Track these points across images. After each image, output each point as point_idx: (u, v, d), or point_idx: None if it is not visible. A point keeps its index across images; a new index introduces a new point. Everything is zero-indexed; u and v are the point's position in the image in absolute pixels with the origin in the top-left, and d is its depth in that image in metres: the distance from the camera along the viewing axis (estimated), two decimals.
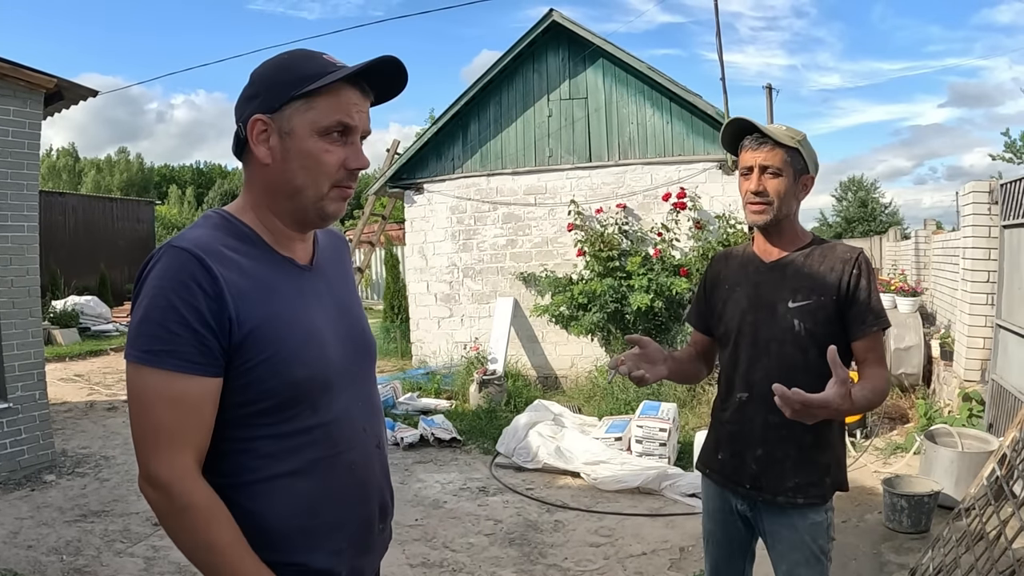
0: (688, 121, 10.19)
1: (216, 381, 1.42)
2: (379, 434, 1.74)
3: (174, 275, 1.39)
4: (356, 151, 1.55)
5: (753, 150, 2.36)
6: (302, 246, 1.64)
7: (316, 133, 1.50)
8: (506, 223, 10.86)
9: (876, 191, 42.98)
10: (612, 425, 7.16)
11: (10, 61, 6.34)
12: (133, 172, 54.46)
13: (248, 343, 1.43)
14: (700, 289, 2.73)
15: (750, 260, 2.53)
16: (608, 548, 4.99)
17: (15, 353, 6.55)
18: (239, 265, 1.47)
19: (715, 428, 2.63)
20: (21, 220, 6.60)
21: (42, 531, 5.33)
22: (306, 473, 1.52)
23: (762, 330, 2.41)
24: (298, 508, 1.52)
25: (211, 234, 1.50)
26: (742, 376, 2.46)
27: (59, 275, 21.19)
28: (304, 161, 1.51)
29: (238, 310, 1.42)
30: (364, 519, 1.65)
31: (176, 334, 1.37)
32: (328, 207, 1.55)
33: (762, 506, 2.44)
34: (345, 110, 1.51)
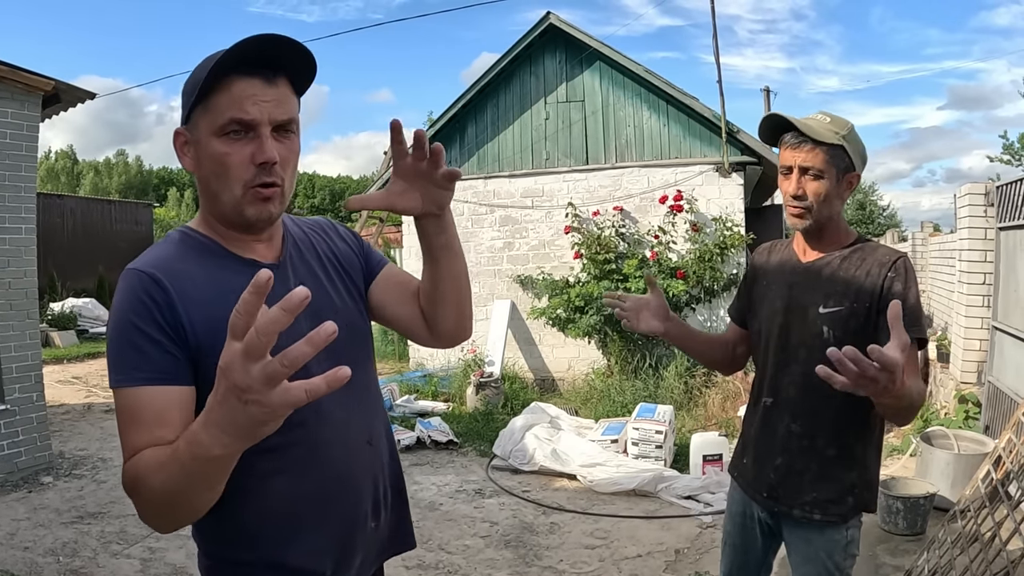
0: (685, 124, 10.21)
1: (184, 390, 1.38)
2: (370, 429, 1.67)
3: (129, 296, 1.40)
4: (260, 145, 1.43)
5: (793, 149, 2.19)
6: (263, 246, 1.57)
7: (214, 135, 1.43)
8: (503, 226, 10.87)
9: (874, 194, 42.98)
10: (608, 427, 7.16)
11: (8, 63, 6.34)
12: (132, 174, 54.51)
13: (204, 348, 1.39)
14: (743, 281, 2.62)
15: (788, 258, 2.39)
16: (604, 550, 4.99)
17: (12, 355, 6.55)
18: (192, 275, 1.45)
19: (744, 432, 2.55)
20: (19, 222, 6.60)
21: (39, 532, 5.33)
22: (280, 472, 1.49)
23: (792, 334, 2.29)
24: (273, 507, 1.49)
25: (166, 251, 1.50)
26: (768, 381, 2.36)
27: (57, 277, 21.18)
28: (211, 167, 1.46)
29: (190, 317, 1.39)
30: (350, 517, 1.60)
31: (140, 349, 1.36)
32: (247, 211, 1.47)
33: (780, 516, 2.37)
34: (237, 104, 1.41)
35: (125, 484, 1.32)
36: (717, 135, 9.91)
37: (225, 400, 0.98)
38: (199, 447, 1.08)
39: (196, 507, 1.25)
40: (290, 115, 1.47)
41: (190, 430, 1.11)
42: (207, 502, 1.24)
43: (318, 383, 0.93)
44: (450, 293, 1.68)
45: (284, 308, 0.89)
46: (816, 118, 2.22)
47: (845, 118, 2.22)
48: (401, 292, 1.78)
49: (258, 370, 0.93)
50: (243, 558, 1.48)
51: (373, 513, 1.67)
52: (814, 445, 2.24)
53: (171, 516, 1.28)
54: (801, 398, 2.25)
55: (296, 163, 1.54)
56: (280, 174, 1.47)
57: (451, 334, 1.76)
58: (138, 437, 1.32)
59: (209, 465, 1.11)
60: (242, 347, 0.93)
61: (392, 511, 1.76)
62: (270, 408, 0.96)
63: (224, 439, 1.04)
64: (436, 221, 1.59)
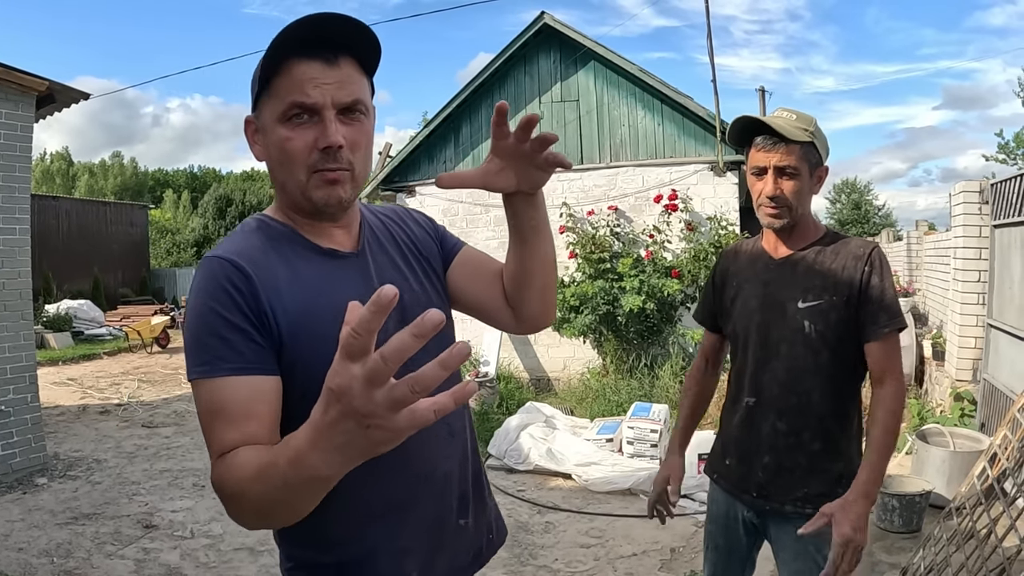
0: (679, 123, 10.22)
1: (274, 380, 1.33)
2: (451, 418, 1.57)
3: (210, 283, 1.35)
4: (323, 128, 1.37)
5: (766, 151, 2.18)
6: (341, 232, 1.52)
7: (278, 121, 1.38)
8: (498, 225, 10.85)
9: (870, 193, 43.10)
10: (603, 427, 7.16)
11: (1, 64, 6.33)
12: (127, 176, 54.35)
13: (288, 337, 1.35)
14: (708, 286, 2.60)
15: (759, 256, 2.39)
16: (599, 549, 4.99)
17: (7, 356, 6.53)
18: (272, 264, 1.41)
19: (723, 433, 2.51)
20: (12, 223, 6.58)
21: (33, 534, 5.32)
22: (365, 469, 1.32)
23: (772, 331, 2.28)
24: (353, 505, 1.43)
25: (244, 238, 1.45)
26: (750, 379, 2.34)
27: (52, 279, 21.16)
28: (276, 153, 1.41)
29: (273, 305, 1.35)
30: (435, 515, 1.54)
31: (225, 338, 1.30)
32: (314, 195, 1.41)
33: (769, 514, 2.34)
34: (298, 88, 1.35)
35: (215, 484, 1.25)
36: (712, 134, 9.91)
37: (340, 423, 0.91)
38: (307, 468, 1.00)
39: (295, 517, 1.18)
40: (355, 96, 1.41)
41: (294, 447, 1.02)
42: (307, 511, 1.17)
43: (446, 401, 0.87)
44: (537, 275, 1.63)
45: (415, 334, 0.83)
46: (782, 116, 2.23)
47: (807, 113, 2.24)
48: (481, 274, 1.72)
49: (383, 395, 0.87)
50: (323, 560, 1.45)
51: (459, 508, 1.60)
52: (800, 440, 2.24)
53: (266, 522, 1.24)
54: (784, 395, 2.25)
55: (368, 145, 1.47)
56: (348, 158, 1.41)
57: (536, 318, 1.71)
58: (226, 433, 1.26)
59: (316, 483, 1.05)
60: (364, 373, 0.86)
61: (479, 505, 1.68)
62: (395, 432, 0.89)
63: (337, 459, 0.97)
64: (528, 200, 1.54)
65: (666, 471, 2.62)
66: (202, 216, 41.44)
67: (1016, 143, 23.46)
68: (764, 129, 2.19)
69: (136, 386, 12.10)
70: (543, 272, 1.64)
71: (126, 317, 19.76)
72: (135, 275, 28.04)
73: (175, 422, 9.38)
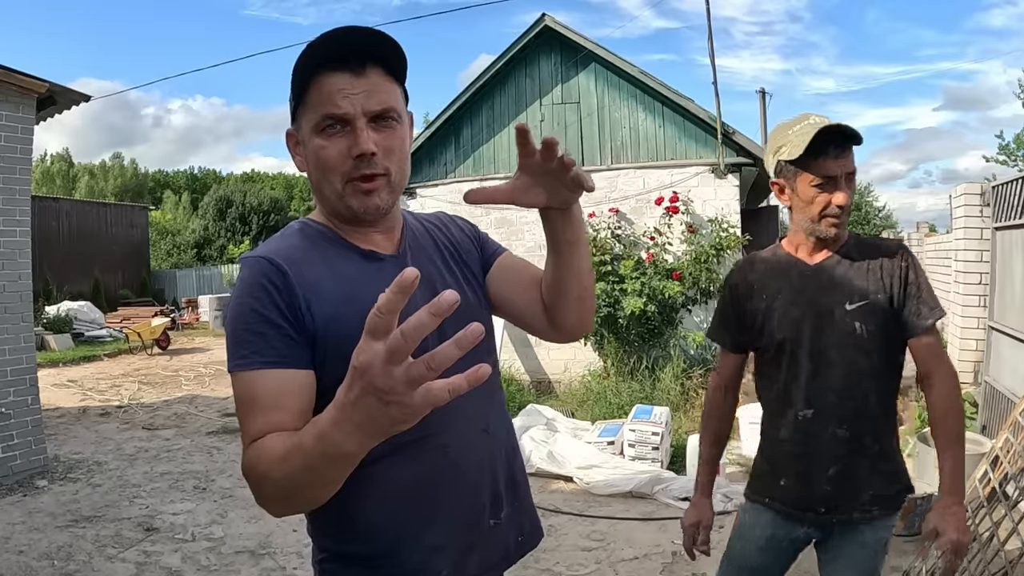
0: (680, 125, 10.21)
1: (305, 373, 1.38)
2: (487, 417, 1.62)
3: (248, 282, 1.41)
4: (355, 137, 1.43)
5: (840, 159, 2.12)
6: (383, 237, 1.58)
7: (314, 133, 1.46)
8: (499, 228, 10.85)
9: (870, 194, 43.06)
10: (605, 429, 7.15)
11: (2, 66, 6.33)
12: (127, 177, 54.32)
13: (322, 333, 1.40)
14: (726, 305, 2.47)
15: (789, 264, 2.31)
16: (600, 552, 4.98)
17: (7, 358, 6.53)
18: (311, 262, 1.46)
19: (770, 451, 2.39)
20: (13, 225, 6.58)
21: (34, 536, 5.31)
22: (391, 459, 1.45)
23: (822, 338, 2.21)
24: (384, 498, 1.47)
25: (285, 240, 1.52)
26: (803, 391, 2.25)
27: (52, 281, 21.17)
28: (314, 164, 1.49)
29: (309, 302, 1.40)
30: (467, 511, 1.55)
31: (261, 333, 1.37)
32: (352, 203, 1.48)
33: (835, 526, 2.28)
34: (328, 99, 1.43)
35: (244, 469, 1.31)
36: (713, 136, 9.91)
37: (362, 399, 0.97)
38: (331, 445, 1.07)
39: (318, 498, 1.25)
40: (385, 104, 1.46)
41: (319, 426, 1.09)
42: (329, 493, 1.24)
43: (459, 382, 0.91)
44: (573, 286, 1.64)
45: (432, 312, 0.88)
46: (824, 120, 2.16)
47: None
48: (520, 281, 1.75)
49: (401, 372, 0.92)
50: (355, 552, 1.48)
51: (492, 508, 1.61)
52: (862, 445, 2.21)
53: (290, 505, 1.29)
54: (842, 401, 2.20)
55: (403, 150, 1.52)
56: (383, 164, 1.47)
57: (573, 327, 1.72)
58: (256, 422, 1.33)
59: (339, 461, 1.12)
60: (385, 349, 0.91)
61: (513, 506, 1.68)
62: (412, 409, 0.95)
63: (359, 437, 1.03)
64: (563, 215, 1.56)
65: (696, 515, 2.53)
66: (202, 217, 41.44)
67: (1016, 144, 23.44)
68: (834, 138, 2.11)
69: (136, 388, 12.10)
70: (579, 283, 1.65)
71: (126, 319, 19.76)
72: (135, 277, 28.05)
73: (176, 424, 9.38)
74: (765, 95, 22.08)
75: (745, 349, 2.47)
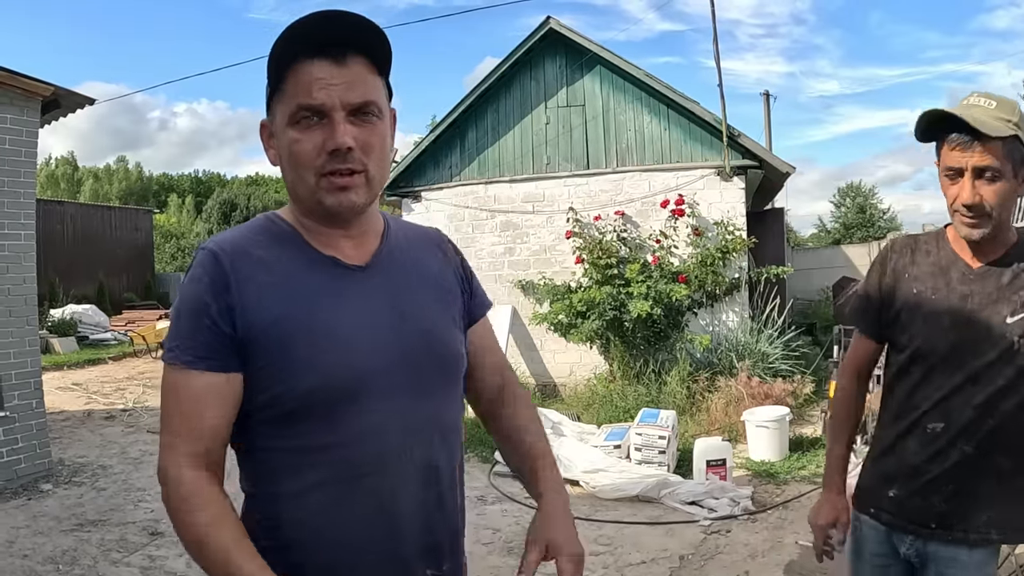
0: (686, 128, 10.19)
1: (224, 376, 1.35)
2: (433, 460, 1.49)
3: (194, 274, 1.38)
4: (331, 130, 1.35)
5: (962, 149, 1.88)
6: (350, 243, 1.47)
7: (288, 124, 1.38)
8: (504, 231, 10.85)
9: (874, 197, 42.99)
10: (611, 433, 7.13)
11: (7, 69, 6.34)
12: (132, 181, 54.43)
13: (257, 343, 1.35)
14: (874, 287, 2.20)
15: (951, 263, 2.07)
16: (607, 557, 4.96)
17: (12, 361, 6.52)
18: (265, 263, 1.40)
19: (884, 460, 2.18)
20: (18, 228, 6.58)
21: (38, 540, 5.30)
22: (314, 496, 1.38)
23: (974, 352, 1.98)
24: (302, 536, 1.38)
25: (244, 234, 1.46)
26: (939, 403, 2.03)
27: (57, 284, 21.17)
28: (287, 157, 1.40)
29: (247, 308, 1.35)
30: (394, 559, 1.44)
31: (182, 331, 1.36)
32: (324, 200, 1.38)
33: (940, 548, 2.05)
34: (305, 89, 1.34)
35: (160, 478, 1.36)
36: (718, 139, 9.89)
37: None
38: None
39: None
40: (366, 97, 1.38)
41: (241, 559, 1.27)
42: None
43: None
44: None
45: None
46: (979, 105, 1.92)
47: (1008, 97, 1.95)
48: (484, 362, 1.72)
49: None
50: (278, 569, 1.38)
51: (427, 558, 1.49)
52: (991, 464, 2.00)
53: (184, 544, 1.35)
54: (981, 418, 1.98)
55: (383, 148, 1.44)
56: (360, 159, 1.38)
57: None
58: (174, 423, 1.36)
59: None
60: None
61: (455, 560, 1.58)
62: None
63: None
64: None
65: (832, 514, 2.29)
66: (206, 221, 41.54)
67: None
68: (958, 124, 1.88)
69: (141, 391, 12.08)
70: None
71: (131, 322, 19.73)
72: (140, 280, 28.05)
73: None
74: (769, 97, 22.08)
75: (883, 340, 2.22)
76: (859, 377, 2.32)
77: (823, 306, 15.15)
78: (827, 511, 2.29)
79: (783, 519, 5.50)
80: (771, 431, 6.94)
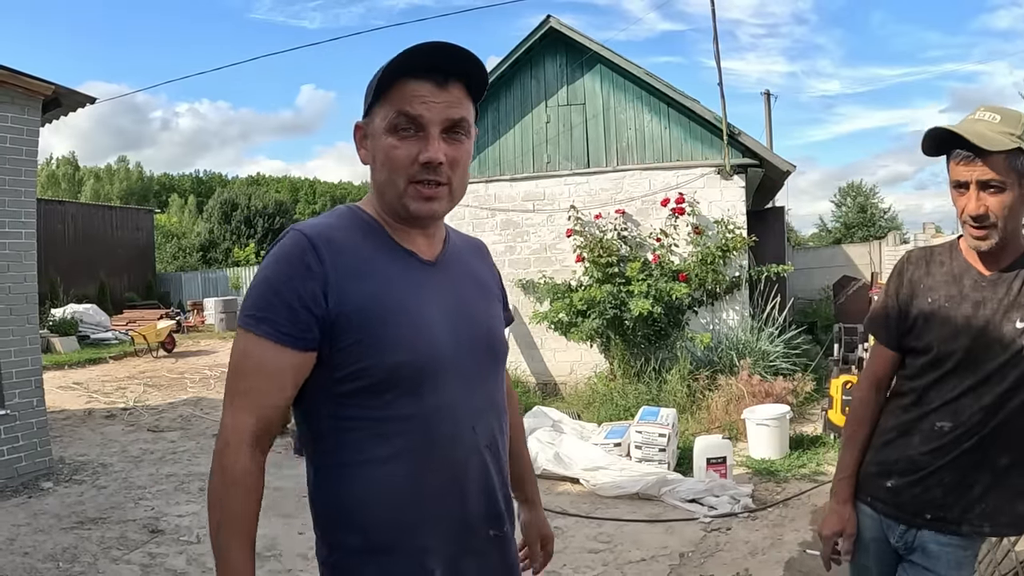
0: (686, 126, 10.19)
1: (302, 355, 1.46)
2: (492, 436, 1.66)
3: (284, 253, 1.48)
4: (427, 143, 1.49)
5: (967, 164, 1.96)
6: (425, 241, 1.64)
7: (386, 130, 1.51)
8: (504, 230, 10.85)
9: (875, 196, 42.99)
10: (611, 431, 7.13)
11: (8, 68, 6.34)
12: (132, 181, 54.47)
13: (347, 321, 1.46)
14: (891, 299, 2.26)
15: (964, 271, 2.13)
16: (607, 554, 4.96)
17: (12, 360, 6.53)
18: (352, 249, 1.52)
19: (885, 451, 2.24)
20: (19, 227, 6.59)
21: (39, 538, 5.30)
22: (397, 462, 1.51)
23: (985, 356, 2.04)
24: (385, 498, 1.51)
25: (332, 222, 1.57)
26: (947, 404, 2.08)
27: (58, 283, 21.23)
28: (381, 159, 1.53)
29: (339, 289, 1.46)
30: (463, 520, 1.60)
31: (272, 304, 1.45)
32: (409, 205, 1.53)
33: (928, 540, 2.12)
34: (408, 100, 1.49)
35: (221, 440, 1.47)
36: (718, 137, 9.89)
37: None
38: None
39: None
40: (461, 115, 1.53)
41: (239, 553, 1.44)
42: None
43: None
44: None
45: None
46: (984, 119, 1.99)
47: (1013, 109, 2.01)
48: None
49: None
50: (356, 544, 1.52)
51: (490, 520, 1.66)
52: (987, 457, 2.06)
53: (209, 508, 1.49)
54: (986, 419, 2.04)
55: (467, 164, 1.59)
56: (447, 174, 1.53)
57: None
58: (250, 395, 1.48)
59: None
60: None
61: (512, 525, 1.76)
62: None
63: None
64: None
65: (838, 524, 2.29)
66: (207, 220, 41.54)
67: None
68: (962, 139, 1.96)
69: (142, 390, 12.10)
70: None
71: (132, 321, 19.75)
72: (141, 279, 28.11)
73: (181, 426, 9.37)
74: (770, 97, 22.10)
75: (901, 349, 2.25)
76: (877, 388, 2.33)
77: (824, 305, 15.15)
78: (834, 521, 2.31)
79: (783, 517, 5.50)
80: (771, 429, 6.94)
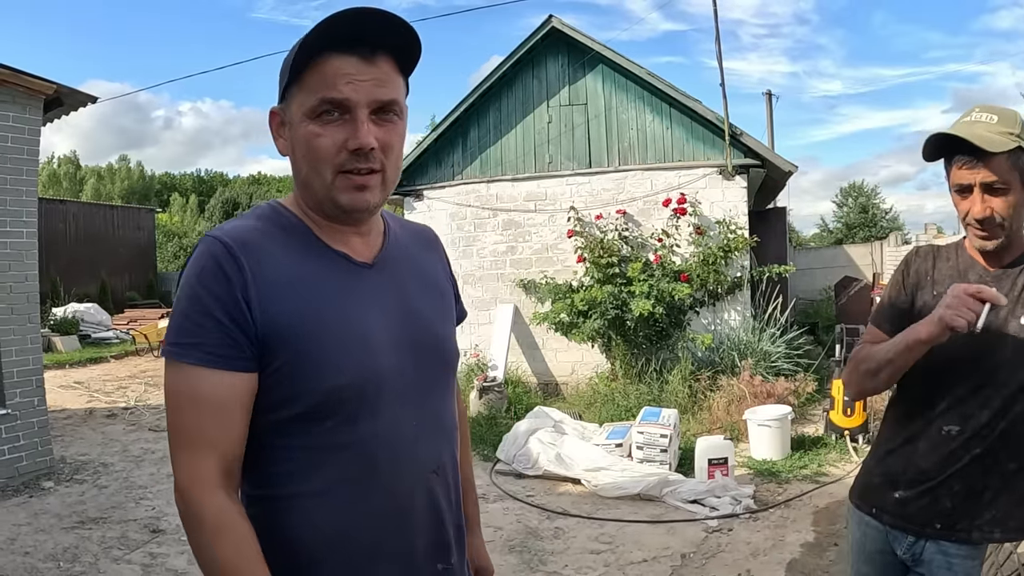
0: (688, 127, 10.18)
1: (244, 376, 1.29)
2: (438, 458, 1.49)
3: (201, 264, 1.30)
4: (355, 128, 1.32)
5: (970, 168, 1.93)
6: (359, 240, 1.45)
7: (307, 116, 1.33)
8: (506, 230, 10.84)
9: (876, 197, 42.98)
10: (613, 431, 7.13)
11: (9, 67, 6.34)
12: (134, 180, 54.44)
13: (275, 339, 1.30)
14: (897, 288, 2.22)
15: (969, 266, 2.10)
16: (609, 555, 4.96)
17: (14, 359, 6.52)
18: (275, 256, 1.34)
19: (889, 460, 2.18)
20: (20, 226, 6.59)
21: (39, 538, 5.30)
22: (335, 495, 1.35)
23: (993, 354, 1.99)
24: (324, 533, 1.35)
25: (252, 224, 1.39)
26: (955, 405, 2.03)
27: (60, 283, 21.20)
28: (303, 150, 1.36)
29: (263, 302, 1.29)
30: (407, 556, 1.43)
31: (200, 325, 1.27)
32: (339, 198, 1.35)
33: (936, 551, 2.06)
34: (330, 83, 1.31)
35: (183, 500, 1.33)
36: (720, 138, 9.87)
37: None
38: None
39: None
40: (392, 96, 1.36)
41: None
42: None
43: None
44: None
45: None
46: (981, 121, 1.97)
47: (1008, 108, 1.99)
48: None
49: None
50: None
51: (436, 553, 1.49)
52: (996, 462, 2.00)
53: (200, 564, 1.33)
54: (995, 420, 1.99)
55: (400, 148, 1.42)
56: (380, 159, 1.36)
57: None
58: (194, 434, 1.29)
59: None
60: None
61: (461, 554, 1.59)
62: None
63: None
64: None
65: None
66: (209, 220, 41.65)
67: None
68: (962, 143, 1.94)
69: (143, 390, 12.09)
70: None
71: (133, 320, 19.74)
72: (142, 278, 28.08)
73: None
74: (772, 97, 22.07)
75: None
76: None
77: (825, 305, 15.15)
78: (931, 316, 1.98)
79: (785, 518, 5.49)
80: (773, 430, 6.93)
